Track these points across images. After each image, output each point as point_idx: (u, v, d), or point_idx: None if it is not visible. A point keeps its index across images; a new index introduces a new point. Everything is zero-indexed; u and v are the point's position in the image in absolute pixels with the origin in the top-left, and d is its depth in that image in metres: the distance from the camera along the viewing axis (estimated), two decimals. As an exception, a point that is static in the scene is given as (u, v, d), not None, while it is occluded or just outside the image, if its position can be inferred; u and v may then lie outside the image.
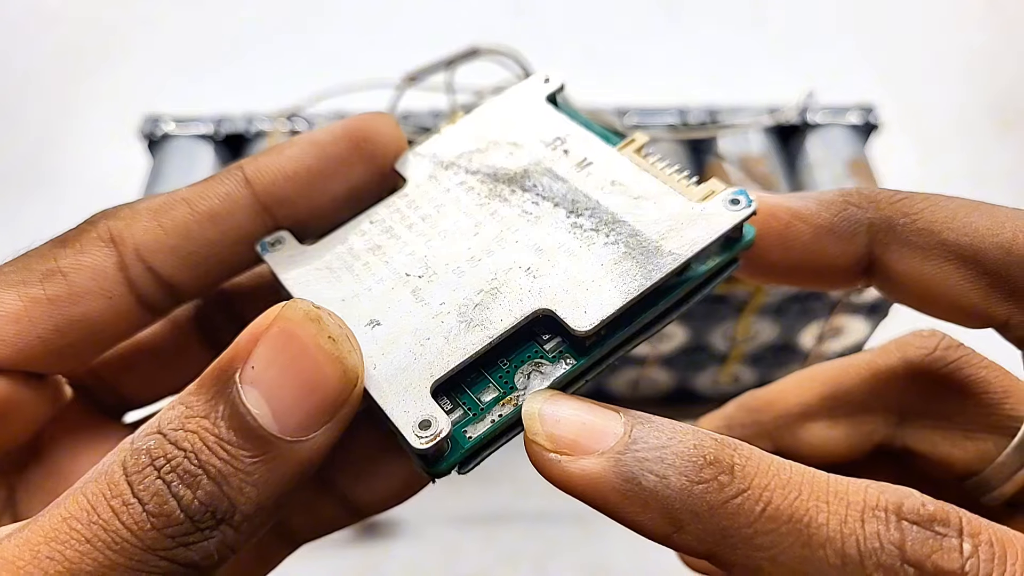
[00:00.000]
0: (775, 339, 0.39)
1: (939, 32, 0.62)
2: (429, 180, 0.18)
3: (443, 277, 0.16)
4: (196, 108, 0.40)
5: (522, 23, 0.63)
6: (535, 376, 0.15)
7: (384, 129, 0.18)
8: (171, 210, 0.16)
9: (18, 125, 0.56)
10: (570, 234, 0.17)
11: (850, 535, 0.13)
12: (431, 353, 0.15)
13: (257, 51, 0.61)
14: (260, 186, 0.17)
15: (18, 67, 0.60)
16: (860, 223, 0.16)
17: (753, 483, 0.13)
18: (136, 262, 0.16)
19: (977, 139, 0.56)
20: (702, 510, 0.13)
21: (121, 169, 0.51)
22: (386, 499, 0.18)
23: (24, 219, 0.51)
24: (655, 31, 0.63)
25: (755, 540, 0.13)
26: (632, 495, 0.13)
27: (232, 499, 0.13)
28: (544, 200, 0.17)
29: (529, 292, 0.16)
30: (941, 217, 0.16)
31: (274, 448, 0.13)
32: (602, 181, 0.17)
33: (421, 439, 0.14)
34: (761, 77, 0.59)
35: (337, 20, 0.63)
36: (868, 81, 0.59)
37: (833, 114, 0.39)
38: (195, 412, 0.13)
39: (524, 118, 0.19)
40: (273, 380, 0.13)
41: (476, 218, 0.17)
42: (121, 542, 0.12)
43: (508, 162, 0.18)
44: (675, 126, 0.38)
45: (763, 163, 0.37)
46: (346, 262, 0.17)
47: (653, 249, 0.16)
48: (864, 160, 0.38)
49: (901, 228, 0.16)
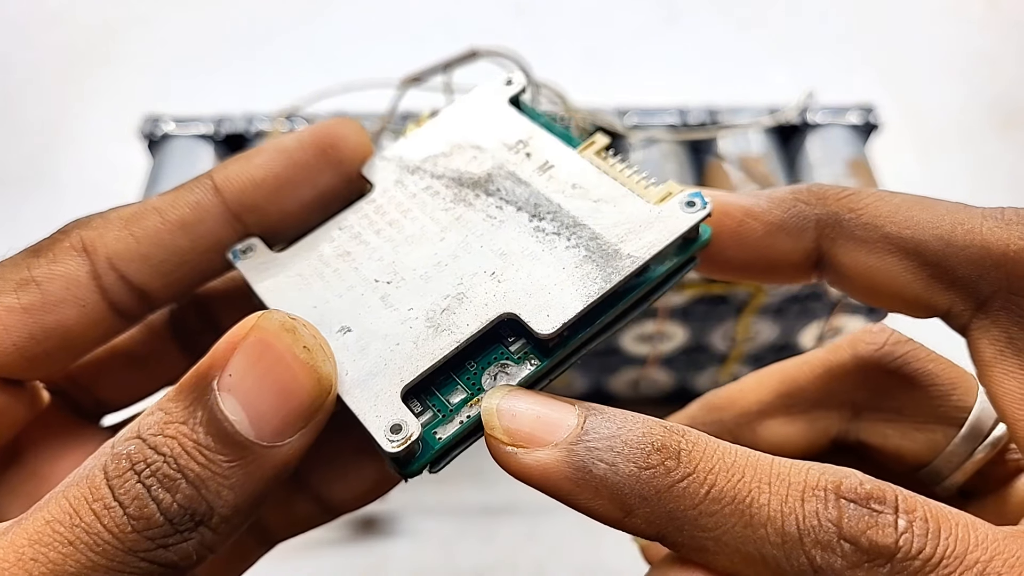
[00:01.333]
0: (775, 339, 0.39)
1: (939, 33, 0.62)
2: (396, 185, 0.19)
3: (411, 283, 0.17)
4: (196, 108, 0.40)
5: (522, 23, 0.63)
6: (501, 377, 0.16)
7: (350, 135, 0.18)
8: (142, 219, 0.16)
9: (18, 125, 0.56)
10: (532, 238, 0.17)
11: (790, 514, 0.13)
12: (401, 358, 0.16)
13: (257, 51, 0.61)
14: (229, 194, 0.17)
15: (18, 67, 0.60)
16: (808, 219, 0.17)
17: (698, 467, 0.14)
18: (108, 270, 0.16)
19: (977, 139, 0.56)
20: (650, 494, 0.14)
21: (121, 169, 0.51)
22: (360, 497, 0.18)
23: (24, 219, 0.51)
24: (655, 31, 0.63)
25: (700, 521, 0.13)
26: (584, 483, 0.14)
27: (210, 502, 0.13)
28: (507, 204, 0.18)
29: (494, 296, 0.16)
30: (884, 212, 0.16)
31: (250, 453, 0.14)
32: (563, 184, 0.18)
33: (392, 443, 0.15)
34: (761, 77, 0.59)
35: (337, 20, 0.63)
36: (868, 81, 0.59)
37: (833, 114, 0.39)
38: (174, 418, 0.13)
39: (487, 121, 0.19)
40: (250, 388, 0.14)
41: (442, 223, 0.18)
42: (103, 544, 0.13)
43: (472, 166, 0.19)
44: (675, 126, 0.38)
45: (763, 163, 0.37)
46: (317, 269, 0.17)
47: (612, 252, 0.16)
48: (864, 160, 0.38)
49: (847, 223, 0.17)
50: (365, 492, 0.18)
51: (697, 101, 0.40)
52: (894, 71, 0.60)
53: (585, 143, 0.19)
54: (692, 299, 0.36)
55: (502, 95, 0.20)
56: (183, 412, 0.14)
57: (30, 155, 0.55)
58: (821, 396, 0.20)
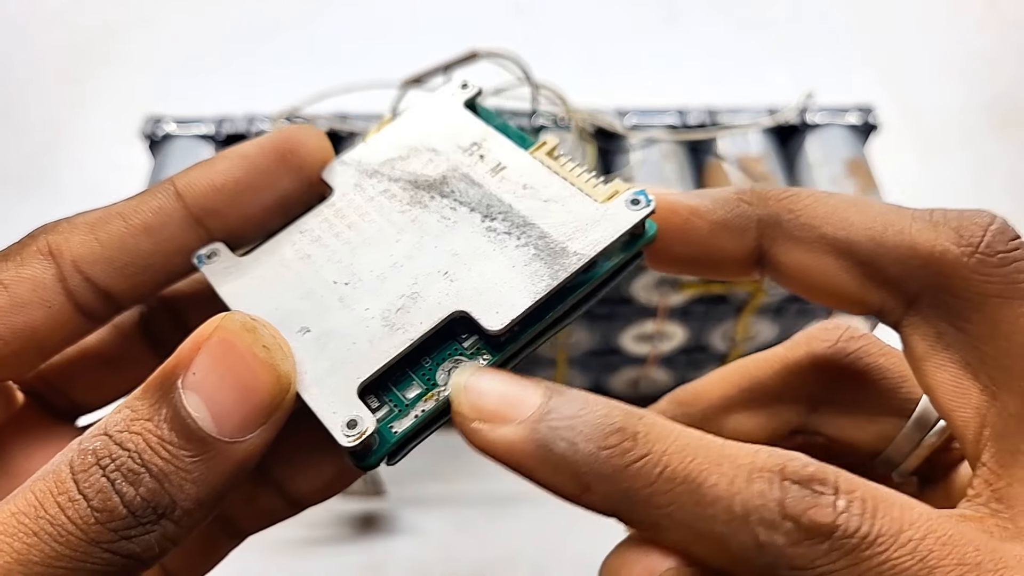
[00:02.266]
0: (774, 339, 0.39)
1: (938, 33, 0.62)
2: (354, 189, 0.19)
3: (368, 284, 0.18)
4: (197, 108, 0.40)
5: (522, 23, 0.63)
6: (456, 369, 0.17)
7: (310, 141, 0.19)
8: (107, 224, 0.17)
9: (20, 125, 0.57)
10: (484, 238, 0.18)
11: (737, 494, 0.14)
12: (357, 356, 0.16)
13: (258, 51, 0.61)
14: (191, 198, 0.18)
15: (19, 67, 0.60)
16: (750, 219, 0.17)
17: (654, 448, 0.14)
18: (74, 273, 0.17)
19: (976, 139, 0.56)
20: (607, 473, 0.14)
21: (122, 169, 0.51)
22: (321, 490, 0.19)
23: (25, 219, 0.51)
24: (655, 32, 0.63)
25: (654, 499, 0.14)
26: (545, 460, 0.15)
27: (172, 495, 0.14)
28: (461, 205, 0.18)
29: (447, 295, 0.17)
30: (822, 213, 0.17)
31: (212, 448, 0.14)
32: (515, 185, 0.18)
33: (349, 438, 0.15)
34: (760, 77, 0.59)
35: (337, 20, 0.63)
36: (867, 81, 0.59)
37: (832, 115, 0.39)
38: (139, 415, 0.14)
39: (443, 125, 0.20)
40: (213, 386, 0.14)
41: (398, 225, 0.18)
42: (66, 535, 0.13)
43: (428, 169, 0.19)
44: (675, 127, 0.39)
45: (762, 163, 0.37)
46: (278, 272, 0.18)
47: (560, 250, 0.17)
48: (863, 160, 0.38)
49: (786, 224, 0.17)
50: (326, 485, 0.18)
51: (697, 101, 0.40)
52: (893, 71, 0.60)
53: (537, 144, 0.19)
54: (691, 299, 0.36)
55: (458, 99, 0.20)
56: (148, 409, 0.14)
57: (31, 155, 0.55)
58: (780, 391, 0.21)
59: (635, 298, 0.36)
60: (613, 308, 0.36)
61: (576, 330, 0.38)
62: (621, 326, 0.38)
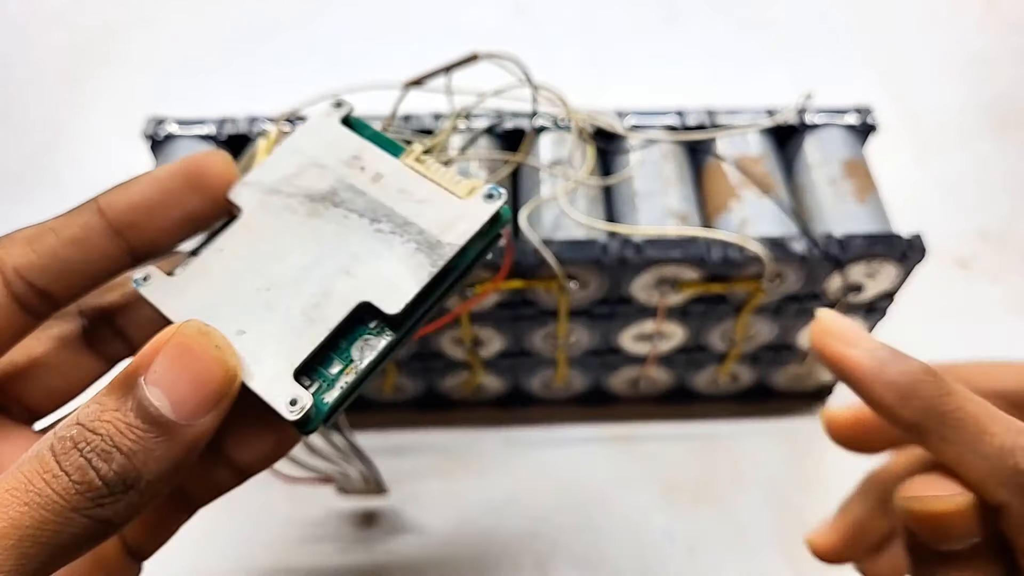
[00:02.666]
0: (773, 338, 0.39)
1: (937, 34, 0.63)
2: (260, 207, 0.22)
3: (286, 288, 0.21)
4: (198, 109, 0.40)
5: (522, 23, 0.63)
6: (366, 348, 0.21)
7: (214, 166, 0.22)
8: (41, 238, 0.20)
9: (22, 125, 0.57)
10: (375, 238, 0.21)
11: (1007, 436, 0.20)
12: (288, 348, 0.20)
13: (259, 52, 0.61)
14: (111, 215, 0.21)
15: (20, 67, 0.60)
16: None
17: (955, 392, 0.20)
18: (16, 279, 0.20)
19: (974, 140, 0.56)
20: (925, 394, 0.20)
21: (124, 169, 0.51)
22: (264, 459, 0.21)
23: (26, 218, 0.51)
24: (655, 33, 0.63)
25: (949, 419, 0.20)
26: (878, 374, 0.21)
27: (139, 469, 0.17)
28: (351, 212, 0.22)
29: (352, 290, 0.21)
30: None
31: (172, 430, 0.17)
32: (393, 190, 0.22)
33: (292, 413, 0.19)
34: (760, 79, 0.59)
35: (337, 21, 0.64)
36: (866, 82, 0.59)
37: (831, 115, 0.39)
38: (108, 407, 0.17)
39: (325, 142, 0.23)
40: (172, 380, 0.17)
41: (302, 235, 0.22)
42: (52, 504, 0.16)
43: (319, 183, 0.22)
44: (674, 127, 0.39)
45: (761, 163, 0.38)
46: (208, 286, 0.21)
47: (435, 242, 0.21)
48: (862, 161, 0.38)
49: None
50: (267, 455, 0.21)
51: (696, 102, 0.40)
52: (892, 72, 0.60)
53: (406, 152, 0.23)
54: (691, 299, 0.36)
55: (334, 117, 0.23)
56: (116, 402, 0.17)
57: (32, 155, 0.55)
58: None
59: (635, 298, 0.36)
60: (613, 308, 0.36)
61: (576, 329, 0.38)
62: (621, 326, 0.38)
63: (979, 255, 0.50)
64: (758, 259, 0.33)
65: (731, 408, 0.44)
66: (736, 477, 0.42)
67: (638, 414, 0.44)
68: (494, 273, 0.33)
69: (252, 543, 0.39)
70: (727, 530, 0.40)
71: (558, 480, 0.41)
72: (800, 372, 0.42)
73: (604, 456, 0.42)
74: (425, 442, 0.43)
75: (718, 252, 0.34)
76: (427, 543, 0.39)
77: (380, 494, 0.38)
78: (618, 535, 0.40)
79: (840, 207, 0.36)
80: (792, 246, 0.34)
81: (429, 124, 0.38)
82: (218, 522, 0.40)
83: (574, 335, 0.39)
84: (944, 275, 0.49)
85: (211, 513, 0.26)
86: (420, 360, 0.39)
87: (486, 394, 0.43)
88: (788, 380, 0.43)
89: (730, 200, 0.37)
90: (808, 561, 0.39)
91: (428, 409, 0.44)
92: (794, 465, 0.42)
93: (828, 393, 0.44)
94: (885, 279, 0.35)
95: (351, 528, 0.40)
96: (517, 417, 0.44)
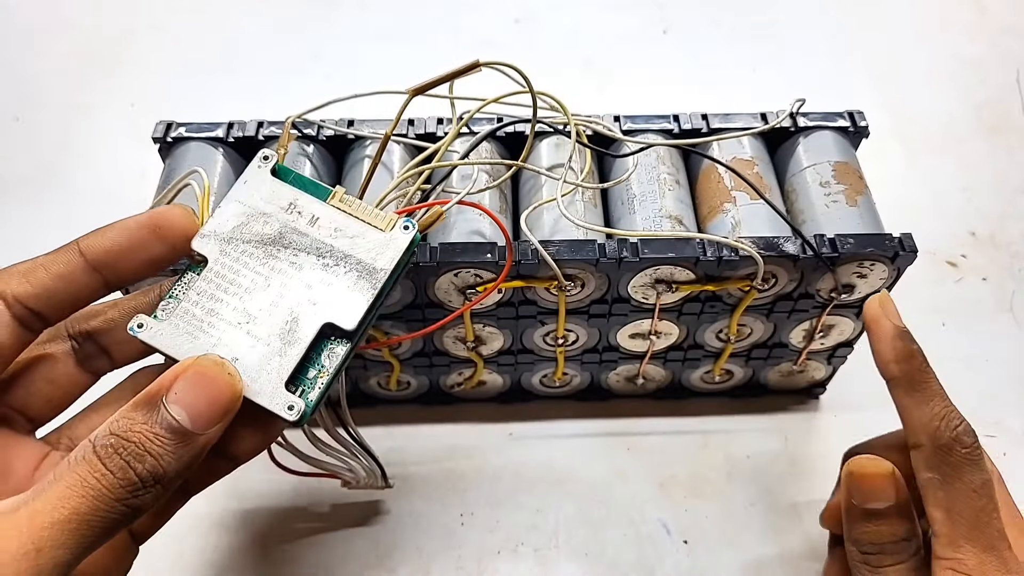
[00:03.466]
0: (767, 336, 0.40)
1: (928, 40, 0.63)
2: (222, 254, 0.26)
3: (261, 319, 0.25)
4: (207, 113, 0.41)
5: (520, 31, 0.64)
6: (332, 356, 0.26)
7: (175, 220, 0.26)
8: (34, 272, 0.25)
9: (34, 129, 0.57)
10: (324, 271, 0.26)
11: (942, 405, 0.29)
12: (275, 366, 0.25)
13: (266, 58, 0.62)
14: (90, 256, 0.25)
15: (34, 72, 0.61)
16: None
17: (929, 373, 0.29)
18: (15, 303, 0.24)
19: (964, 143, 0.57)
20: (910, 363, 0.29)
21: (134, 172, 0.52)
22: (254, 449, 0.26)
23: (38, 221, 0.52)
24: (650, 42, 0.64)
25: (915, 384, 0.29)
26: (895, 339, 0.29)
27: (165, 468, 0.22)
28: (300, 252, 0.26)
29: (315, 315, 0.25)
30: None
31: (189, 438, 0.22)
32: (329, 229, 0.26)
33: (291, 415, 0.24)
34: (752, 85, 0.60)
35: (342, 28, 0.64)
36: (858, 87, 0.60)
37: (823, 119, 0.40)
38: (137, 421, 0.22)
39: (262, 192, 0.27)
40: (191, 399, 0.22)
41: (263, 274, 0.26)
42: (102, 495, 0.21)
43: (266, 228, 0.26)
44: (669, 131, 0.39)
45: (754, 166, 0.38)
46: (195, 326, 0.25)
47: (372, 268, 0.26)
48: (853, 164, 0.39)
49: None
50: (256, 446, 0.26)
51: (691, 107, 0.41)
52: (883, 76, 0.61)
53: (331, 194, 0.27)
54: (686, 298, 0.37)
55: (265, 170, 0.27)
56: (143, 416, 0.22)
57: (44, 157, 0.56)
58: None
59: (631, 297, 0.37)
60: (609, 307, 0.37)
61: (574, 328, 0.39)
62: (617, 324, 0.39)
63: (969, 255, 0.51)
64: (751, 260, 0.34)
65: (725, 404, 0.45)
66: (730, 471, 0.42)
67: (635, 410, 0.45)
68: (496, 275, 0.34)
69: (264, 535, 0.40)
70: (721, 522, 0.41)
71: (557, 474, 0.42)
72: (793, 370, 0.43)
73: (602, 451, 0.43)
74: (428, 437, 0.43)
75: (712, 253, 0.34)
76: (429, 535, 0.40)
77: (384, 488, 0.38)
78: (615, 528, 0.40)
79: (832, 209, 0.37)
80: (785, 247, 0.34)
81: (432, 127, 0.39)
82: (227, 514, 0.40)
83: (572, 334, 0.39)
84: (934, 275, 0.50)
85: (221, 505, 0.28)
86: (423, 357, 0.40)
87: (487, 390, 0.44)
88: (781, 377, 0.44)
89: (724, 202, 0.37)
90: (799, 552, 0.40)
91: (431, 404, 0.44)
92: (786, 460, 0.43)
93: (821, 390, 0.45)
94: (876, 279, 0.36)
95: (355, 521, 0.41)
96: (517, 413, 0.44)
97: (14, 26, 0.64)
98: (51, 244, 0.26)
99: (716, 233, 0.36)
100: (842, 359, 0.42)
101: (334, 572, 0.39)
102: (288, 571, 0.39)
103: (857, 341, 0.41)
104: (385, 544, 0.40)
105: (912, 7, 0.65)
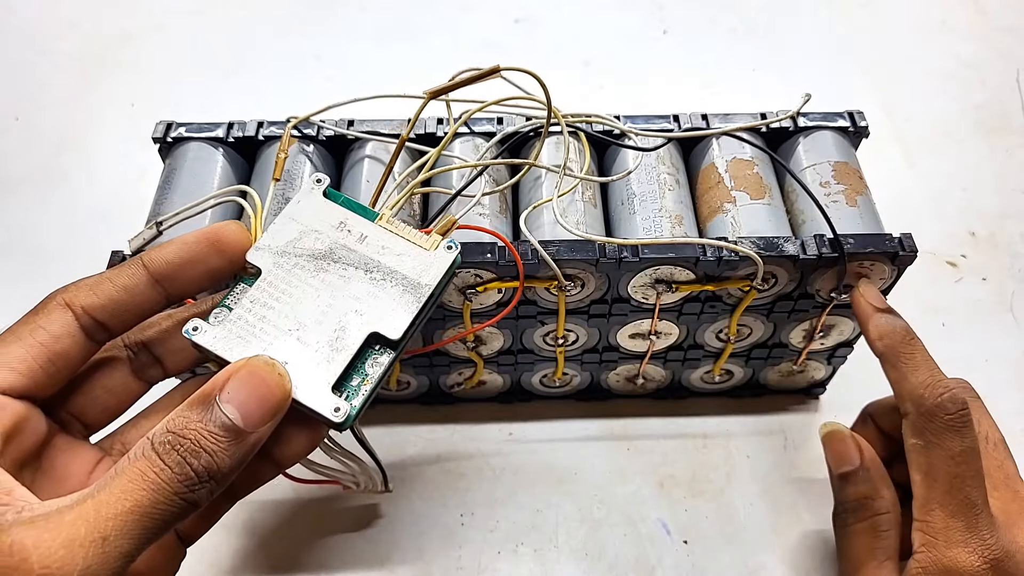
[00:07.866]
0: (767, 337, 0.40)
1: (928, 41, 0.63)
2: (275, 266, 0.27)
3: (311, 327, 0.26)
4: (208, 113, 0.41)
5: (520, 32, 0.64)
6: (376, 364, 0.27)
7: (231, 235, 0.27)
8: (100, 285, 0.26)
9: (36, 129, 0.58)
10: (371, 284, 0.27)
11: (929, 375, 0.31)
12: (323, 370, 0.26)
13: (267, 60, 0.62)
14: (153, 269, 0.26)
15: (36, 73, 0.61)
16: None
17: (916, 345, 0.32)
18: (84, 315, 0.25)
19: (964, 143, 0.57)
20: (893, 338, 0.32)
21: (135, 172, 0.52)
22: (300, 452, 0.27)
23: (40, 220, 0.52)
24: (650, 42, 0.64)
25: (901, 358, 0.32)
26: (880, 323, 0.33)
27: (219, 465, 0.22)
28: (349, 266, 0.28)
29: (361, 324, 0.27)
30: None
31: (241, 436, 0.23)
32: (376, 247, 0.28)
33: (336, 416, 0.25)
34: (752, 86, 0.60)
35: (344, 30, 0.64)
36: (857, 87, 0.60)
37: (823, 119, 0.40)
38: (192, 419, 0.22)
39: (315, 212, 0.29)
40: (242, 399, 0.23)
41: (314, 286, 0.27)
42: (162, 489, 0.22)
43: (318, 244, 0.28)
44: (669, 131, 0.39)
45: (754, 166, 0.38)
46: (248, 331, 0.26)
47: (416, 283, 0.27)
48: (853, 164, 0.39)
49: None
50: (303, 449, 0.27)
51: (691, 107, 0.41)
52: (883, 77, 0.61)
53: (379, 215, 0.29)
54: (685, 298, 0.37)
55: (318, 191, 0.29)
56: (198, 415, 0.23)
57: (46, 157, 0.56)
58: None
59: (631, 297, 0.37)
60: (609, 307, 0.37)
61: (574, 328, 0.39)
62: (617, 324, 0.39)
63: (969, 255, 0.51)
64: (751, 260, 0.34)
65: (725, 404, 0.45)
66: (729, 471, 0.42)
67: (635, 410, 0.45)
68: (496, 275, 0.34)
69: (265, 540, 0.40)
70: (721, 522, 0.41)
71: (557, 474, 0.42)
72: (793, 370, 0.43)
73: (602, 450, 0.43)
74: (428, 437, 0.44)
75: (712, 253, 0.34)
76: (429, 536, 0.40)
77: (384, 492, 0.38)
78: (615, 527, 0.41)
79: (832, 209, 0.37)
80: (784, 247, 0.35)
81: (431, 128, 0.39)
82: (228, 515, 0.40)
83: (573, 334, 0.40)
84: (934, 275, 0.50)
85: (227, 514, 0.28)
86: (424, 357, 0.40)
87: (487, 390, 0.44)
88: (781, 377, 0.44)
89: (724, 202, 0.37)
90: (798, 551, 0.40)
91: (431, 404, 0.45)
92: (786, 460, 0.43)
93: (821, 390, 0.45)
94: (876, 279, 0.36)
95: (356, 521, 0.41)
96: (517, 413, 0.44)
97: (15, 26, 0.64)
98: (51, 244, 0.26)
99: (716, 233, 0.36)
100: (842, 359, 0.43)
101: (335, 572, 0.39)
102: (288, 572, 0.39)
103: (857, 341, 0.41)
104: (385, 544, 0.40)
105: (912, 7, 0.65)
